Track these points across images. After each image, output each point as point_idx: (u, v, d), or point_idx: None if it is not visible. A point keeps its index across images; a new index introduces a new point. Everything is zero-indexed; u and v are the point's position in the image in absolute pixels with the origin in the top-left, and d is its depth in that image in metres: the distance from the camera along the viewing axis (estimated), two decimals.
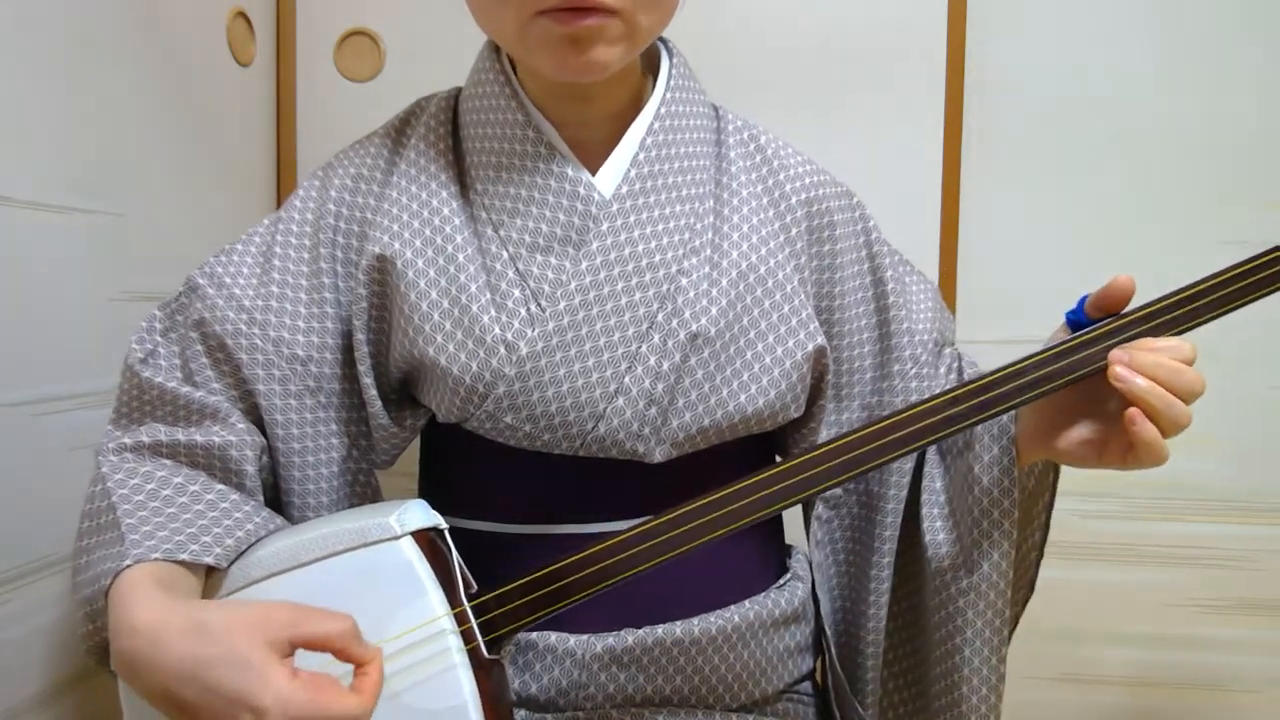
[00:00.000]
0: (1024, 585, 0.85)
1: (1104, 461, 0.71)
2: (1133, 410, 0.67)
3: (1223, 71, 1.20)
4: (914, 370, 0.86)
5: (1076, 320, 0.73)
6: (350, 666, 0.61)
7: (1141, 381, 0.66)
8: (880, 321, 0.88)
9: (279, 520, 0.75)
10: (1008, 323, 1.24)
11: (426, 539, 0.69)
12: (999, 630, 0.77)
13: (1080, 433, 0.72)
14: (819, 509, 0.89)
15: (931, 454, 0.83)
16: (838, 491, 0.89)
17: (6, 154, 0.81)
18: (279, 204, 1.24)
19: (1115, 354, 0.68)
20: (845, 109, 1.22)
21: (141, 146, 0.99)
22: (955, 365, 0.88)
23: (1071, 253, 1.23)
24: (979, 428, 0.76)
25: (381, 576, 0.67)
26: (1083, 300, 0.73)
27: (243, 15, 1.16)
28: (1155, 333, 0.69)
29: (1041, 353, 0.71)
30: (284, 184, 1.25)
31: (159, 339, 0.81)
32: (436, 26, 1.23)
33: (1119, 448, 0.70)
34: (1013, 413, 0.75)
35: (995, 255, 1.24)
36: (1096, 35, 1.21)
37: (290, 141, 1.25)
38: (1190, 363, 0.67)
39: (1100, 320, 0.71)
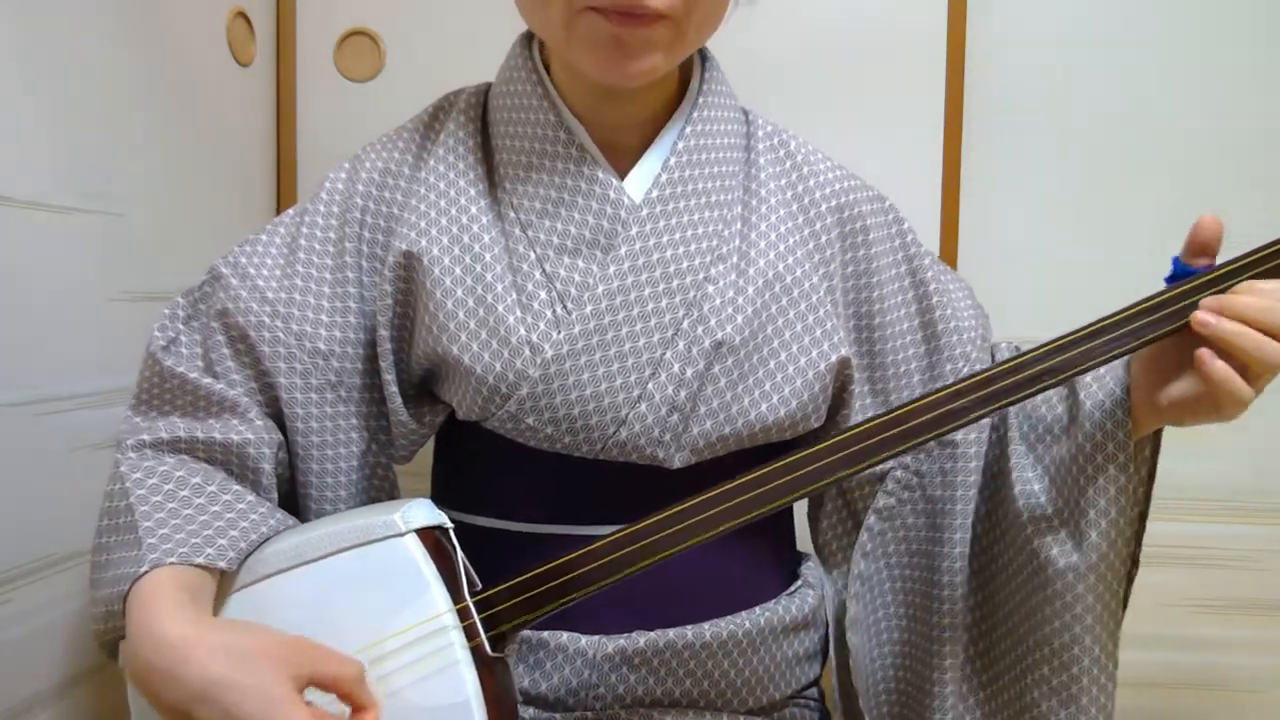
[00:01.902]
0: (1127, 561, 0.80)
1: (1198, 411, 0.70)
2: (1202, 350, 0.66)
3: (1223, 71, 1.20)
4: (965, 368, 0.85)
5: (1179, 271, 0.71)
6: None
7: (1229, 325, 0.65)
8: (925, 323, 0.87)
9: (292, 521, 0.75)
10: (1008, 323, 1.23)
11: (431, 537, 0.69)
12: (1115, 612, 0.76)
13: (1180, 387, 0.70)
14: (870, 519, 0.87)
15: (1016, 444, 0.81)
16: (891, 501, 0.87)
17: (6, 154, 0.81)
18: (279, 204, 1.24)
19: (1205, 302, 0.67)
20: (845, 110, 1.22)
21: (141, 146, 0.98)
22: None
23: (1071, 253, 1.23)
24: (1089, 406, 0.75)
25: (385, 573, 0.67)
26: (1177, 260, 0.72)
27: (243, 15, 1.16)
28: (1269, 276, 0.68)
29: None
30: (284, 184, 1.25)
31: (181, 327, 0.80)
32: (436, 26, 1.23)
33: (1208, 397, 0.68)
34: (1124, 384, 0.73)
35: (995, 255, 1.24)
36: (1096, 36, 1.21)
37: (290, 141, 1.24)
38: None
39: (1198, 270, 0.70)
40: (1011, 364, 0.70)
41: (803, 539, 0.93)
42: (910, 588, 0.87)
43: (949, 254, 1.23)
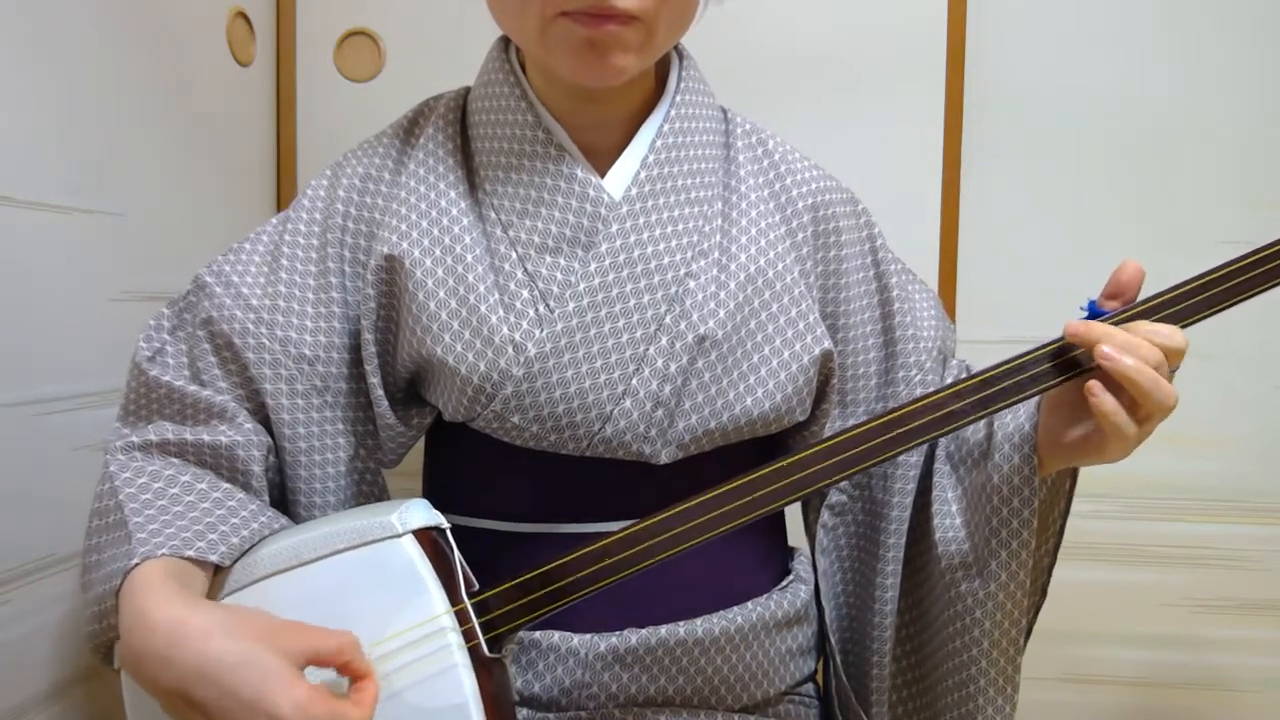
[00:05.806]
0: (1037, 591, 0.84)
1: (1086, 450, 0.71)
2: (1091, 382, 0.66)
3: (1223, 71, 1.20)
4: (918, 377, 0.86)
5: (1092, 313, 0.72)
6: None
7: (1129, 360, 0.65)
8: (885, 328, 0.88)
9: (284, 520, 0.75)
10: (1008, 323, 1.24)
11: (428, 538, 0.69)
12: (1015, 640, 0.77)
13: (1081, 428, 0.71)
14: (824, 516, 0.89)
15: (941, 464, 0.83)
16: (843, 498, 0.89)
17: (6, 154, 0.81)
18: (279, 204, 1.25)
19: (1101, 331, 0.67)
20: (846, 110, 1.22)
21: (141, 146, 0.99)
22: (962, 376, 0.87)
23: (1071, 253, 1.23)
24: (999, 437, 0.76)
25: (383, 575, 0.67)
26: (1092, 303, 0.72)
27: (243, 15, 1.16)
28: (1167, 322, 0.68)
29: (1044, 346, 0.70)
30: (284, 184, 1.25)
31: (166, 337, 0.81)
32: (436, 26, 1.23)
33: (1096, 434, 0.69)
34: (1034, 421, 0.74)
35: (995, 255, 1.24)
36: (1096, 37, 1.21)
37: (290, 141, 1.25)
38: (1173, 349, 0.66)
39: (1112, 312, 0.70)
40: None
41: (794, 533, 0.93)
42: (851, 589, 0.88)
43: (949, 254, 1.23)
